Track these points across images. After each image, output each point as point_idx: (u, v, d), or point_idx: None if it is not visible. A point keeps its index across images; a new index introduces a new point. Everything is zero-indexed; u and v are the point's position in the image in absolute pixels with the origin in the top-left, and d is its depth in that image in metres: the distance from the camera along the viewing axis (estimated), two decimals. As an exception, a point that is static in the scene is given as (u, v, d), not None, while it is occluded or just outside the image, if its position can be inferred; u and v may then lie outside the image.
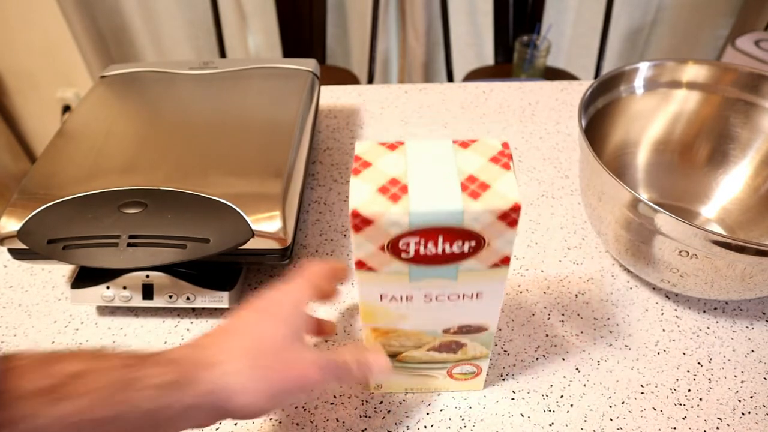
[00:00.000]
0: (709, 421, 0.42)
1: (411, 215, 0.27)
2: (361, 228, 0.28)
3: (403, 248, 0.29)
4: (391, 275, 0.31)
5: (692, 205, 0.58)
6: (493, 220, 0.28)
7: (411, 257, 0.29)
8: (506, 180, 0.28)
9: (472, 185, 0.28)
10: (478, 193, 0.28)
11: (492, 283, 0.32)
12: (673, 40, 1.64)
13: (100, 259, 0.43)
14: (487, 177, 0.29)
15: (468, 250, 0.29)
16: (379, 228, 0.28)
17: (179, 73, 0.63)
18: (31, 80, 1.68)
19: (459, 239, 0.28)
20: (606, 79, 0.54)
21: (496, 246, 0.29)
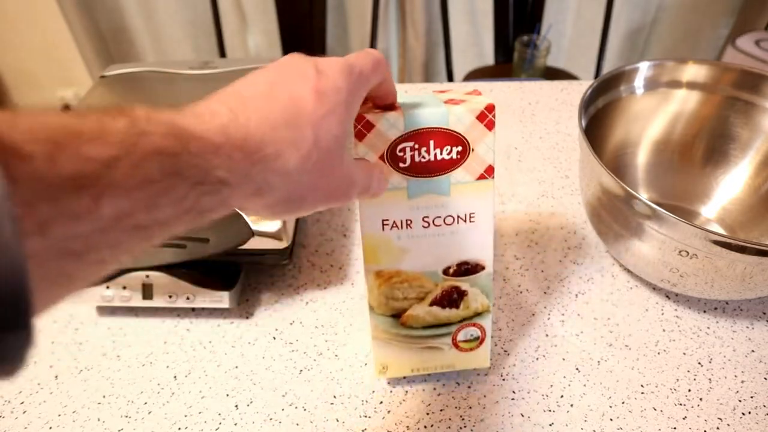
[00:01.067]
0: (710, 421, 0.42)
1: (405, 116, 0.32)
2: (364, 134, 0.32)
3: (400, 155, 0.33)
4: (391, 193, 0.34)
5: (692, 205, 0.58)
6: (473, 120, 0.33)
7: (407, 166, 0.33)
8: (481, 98, 0.34)
9: (452, 99, 0.34)
10: (458, 101, 0.33)
11: (481, 200, 0.35)
12: (673, 40, 1.64)
13: (100, 259, 0.43)
14: (464, 98, 0.34)
15: (456, 156, 0.33)
16: (379, 133, 0.32)
17: (179, 73, 0.63)
18: (31, 80, 1.68)
19: (447, 144, 0.33)
20: (606, 79, 0.54)
21: (479, 152, 0.33)
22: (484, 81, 0.84)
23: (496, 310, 0.50)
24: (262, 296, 0.52)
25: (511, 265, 0.54)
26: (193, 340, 0.48)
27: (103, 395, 0.44)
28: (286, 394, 0.44)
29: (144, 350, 0.47)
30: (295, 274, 0.54)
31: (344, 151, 0.28)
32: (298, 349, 0.47)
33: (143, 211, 0.20)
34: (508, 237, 0.57)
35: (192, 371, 0.46)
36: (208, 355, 0.47)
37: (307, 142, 0.26)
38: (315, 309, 0.50)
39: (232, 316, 0.50)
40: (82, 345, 0.48)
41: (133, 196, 0.19)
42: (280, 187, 0.26)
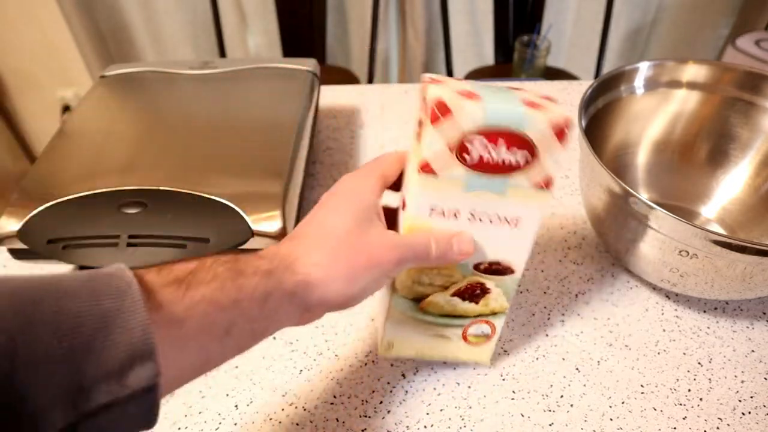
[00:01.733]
0: (710, 421, 0.42)
1: (487, 110, 0.31)
2: (439, 119, 0.31)
3: (467, 147, 0.32)
4: (449, 182, 0.33)
5: (692, 205, 0.58)
6: (548, 130, 0.32)
7: (474, 162, 0.32)
8: (560, 109, 0.33)
9: (530, 101, 0.33)
10: (536, 105, 0.33)
11: (533, 208, 0.35)
12: (673, 40, 1.64)
13: (100, 259, 0.43)
14: (541, 103, 0.34)
15: (522, 161, 0.33)
16: (454, 122, 0.31)
17: (179, 73, 0.63)
18: (31, 80, 1.68)
19: (516, 146, 0.32)
20: (606, 79, 0.54)
21: (545, 162, 0.33)
22: (484, 81, 0.84)
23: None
24: (262, 296, 0.52)
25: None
26: (193, 340, 0.48)
27: (103, 395, 0.44)
28: (286, 394, 0.44)
29: (144, 350, 0.47)
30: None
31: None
32: (298, 349, 0.47)
33: (219, 291, 0.29)
34: (508, 237, 0.57)
35: (192, 371, 0.46)
36: (208, 355, 0.47)
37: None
38: (315, 309, 0.50)
39: (232, 316, 0.50)
40: (82, 345, 0.48)
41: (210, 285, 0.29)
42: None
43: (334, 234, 0.33)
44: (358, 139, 0.71)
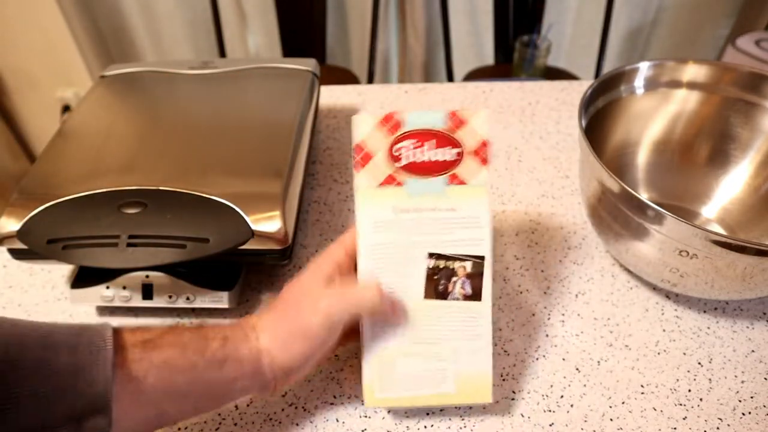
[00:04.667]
0: (710, 421, 0.42)
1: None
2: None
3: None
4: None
5: (692, 205, 0.58)
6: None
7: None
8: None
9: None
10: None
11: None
12: (673, 40, 1.63)
13: (100, 259, 0.43)
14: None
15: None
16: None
17: (179, 73, 0.63)
18: (31, 80, 1.67)
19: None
20: (606, 79, 0.54)
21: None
22: (484, 81, 0.84)
23: (496, 310, 0.50)
24: (262, 296, 0.52)
25: (511, 265, 0.54)
26: (193, 340, 0.48)
27: (103, 395, 0.44)
28: (286, 394, 0.44)
29: (144, 350, 0.47)
30: (295, 274, 0.53)
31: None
32: (298, 349, 0.47)
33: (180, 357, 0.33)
34: (508, 237, 0.57)
35: (192, 371, 0.46)
36: (208, 355, 0.47)
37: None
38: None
39: (232, 316, 0.50)
40: (82, 345, 0.48)
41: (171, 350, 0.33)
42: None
43: (281, 303, 0.37)
44: (358, 139, 0.71)
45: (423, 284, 0.37)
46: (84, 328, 0.31)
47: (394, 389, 0.37)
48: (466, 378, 0.38)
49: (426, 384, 0.38)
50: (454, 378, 0.38)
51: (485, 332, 0.38)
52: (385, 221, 0.37)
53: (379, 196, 0.36)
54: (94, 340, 0.30)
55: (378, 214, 0.37)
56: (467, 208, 0.37)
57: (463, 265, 0.37)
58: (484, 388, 0.38)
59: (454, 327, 0.38)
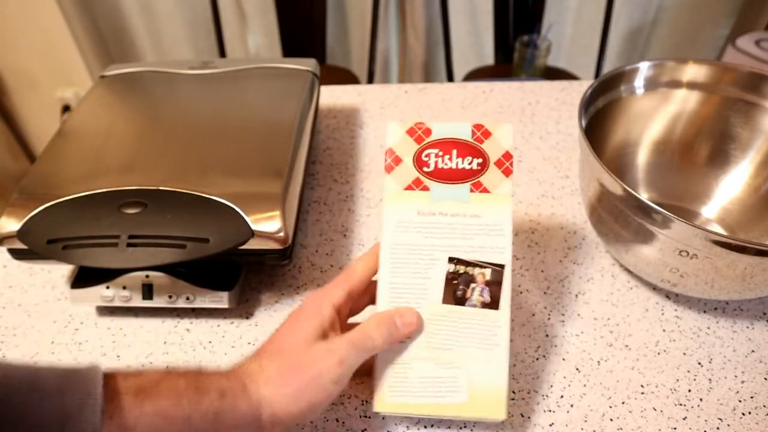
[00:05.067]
0: (710, 421, 0.42)
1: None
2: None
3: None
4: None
5: (692, 205, 0.58)
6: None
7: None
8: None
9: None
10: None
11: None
12: (673, 40, 1.63)
13: (100, 259, 0.43)
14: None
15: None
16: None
17: (179, 73, 0.63)
18: (31, 80, 1.67)
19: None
20: (606, 79, 0.54)
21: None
22: (484, 81, 0.84)
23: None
24: (262, 296, 0.52)
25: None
26: (193, 340, 0.48)
27: (103, 395, 0.44)
28: (286, 394, 0.44)
29: (144, 350, 0.47)
30: (295, 275, 0.54)
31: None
32: (298, 349, 0.47)
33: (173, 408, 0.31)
34: (508, 237, 0.57)
35: (192, 371, 0.46)
36: (208, 355, 0.47)
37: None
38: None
39: (232, 316, 0.50)
40: (82, 345, 0.48)
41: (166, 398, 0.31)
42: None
43: (285, 351, 0.35)
44: (358, 139, 0.71)
45: (442, 288, 0.37)
46: (73, 372, 0.30)
47: (407, 394, 0.37)
48: (480, 389, 0.36)
49: (439, 391, 0.37)
50: (468, 387, 0.36)
51: (502, 342, 0.37)
52: (408, 222, 0.37)
53: (405, 198, 0.38)
54: (84, 386, 0.29)
55: (402, 215, 0.38)
56: (490, 216, 0.37)
57: (482, 272, 0.37)
58: (498, 402, 0.36)
59: (469, 334, 0.37)
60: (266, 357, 0.35)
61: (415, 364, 0.37)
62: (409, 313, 0.37)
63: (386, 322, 0.36)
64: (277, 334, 0.37)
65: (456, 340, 0.37)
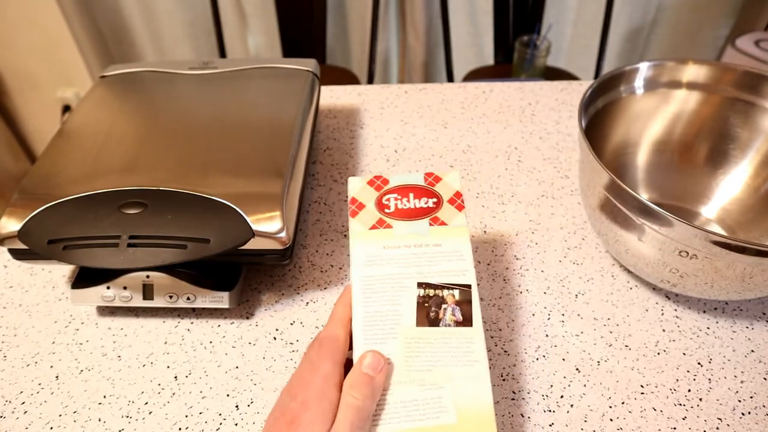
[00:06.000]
0: (709, 421, 0.42)
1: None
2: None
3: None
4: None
5: (692, 205, 0.58)
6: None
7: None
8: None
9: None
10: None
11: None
12: (673, 40, 1.64)
13: (101, 259, 0.43)
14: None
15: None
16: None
17: (179, 73, 0.63)
18: (31, 80, 1.68)
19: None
20: (606, 79, 0.54)
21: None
22: (484, 81, 0.84)
23: (496, 311, 0.50)
24: (262, 296, 0.52)
25: (511, 265, 0.54)
26: (193, 341, 0.48)
27: (103, 395, 0.44)
28: (286, 394, 0.44)
29: (144, 350, 0.47)
30: (295, 275, 0.54)
31: None
32: (299, 350, 0.47)
33: None
34: (508, 237, 0.57)
35: (192, 371, 0.46)
36: (209, 355, 0.47)
37: None
38: (315, 309, 0.50)
39: (232, 316, 0.50)
40: (83, 345, 0.48)
41: None
42: None
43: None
44: (358, 139, 0.71)
45: (414, 312, 0.38)
46: None
47: (391, 421, 0.36)
48: (467, 408, 0.36)
49: (425, 414, 0.36)
50: (454, 407, 0.36)
51: (481, 358, 0.37)
52: (375, 256, 0.40)
53: (370, 236, 0.41)
54: None
55: (369, 251, 0.40)
56: (450, 244, 0.40)
57: (451, 293, 0.38)
58: (486, 419, 0.36)
59: (448, 352, 0.37)
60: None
61: (396, 388, 0.36)
62: (373, 358, 0.36)
63: (360, 381, 0.35)
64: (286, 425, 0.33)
65: (435, 360, 0.37)
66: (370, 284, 0.39)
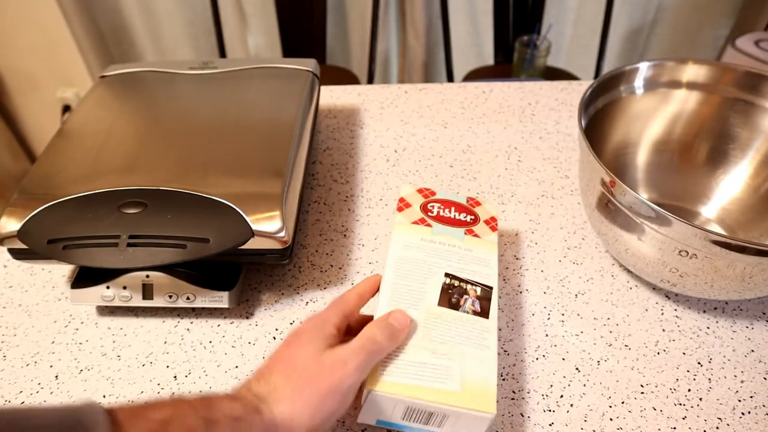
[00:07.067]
0: (709, 421, 0.42)
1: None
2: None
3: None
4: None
5: (692, 205, 0.58)
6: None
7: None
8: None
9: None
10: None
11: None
12: (673, 40, 1.64)
13: (100, 259, 0.43)
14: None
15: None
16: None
17: (179, 73, 0.63)
18: (31, 80, 1.68)
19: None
20: (606, 79, 0.54)
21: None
22: (484, 81, 0.84)
23: (496, 310, 0.50)
24: (262, 296, 0.52)
25: (511, 265, 0.54)
26: (193, 340, 0.48)
27: (103, 395, 0.44)
28: (286, 394, 0.44)
29: (144, 350, 0.47)
30: (295, 274, 0.54)
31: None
32: (298, 349, 0.47)
33: None
34: (508, 237, 0.57)
35: (192, 371, 0.46)
36: (208, 355, 0.47)
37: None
38: (315, 309, 0.50)
39: (232, 316, 0.50)
40: (83, 345, 0.48)
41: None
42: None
43: (299, 367, 0.35)
44: (358, 139, 0.71)
45: (438, 294, 0.41)
46: (66, 412, 0.27)
47: (401, 376, 0.38)
48: (472, 383, 0.37)
49: (432, 377, 0.38)
50: (460, 379, 0.37)
51: (492, 347, 0.39)
52: (413, 243, 0.44)
53: (412, 228, 0.45)
54: (81, 421, 0.26)
55: (409, 239, 0.45)
56: (480, 251, 0.44)
57: (474, 288, 0.42)
58: (488, 396, 0.37)
59: (463, 333, 0.39)
60: (278, 374, 0.35)
61: (411, 350, 0.38)
62: (402, 314, 0.38)
63: (385, 325, 0.37)
64: (282, 352, 0.37)
65: (450, 336, 0.39)
66: (403, 264, 0.43)
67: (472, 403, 0.37)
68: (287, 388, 0.34)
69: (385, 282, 0.42)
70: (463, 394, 0.37)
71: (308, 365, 0.35)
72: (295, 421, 0.33)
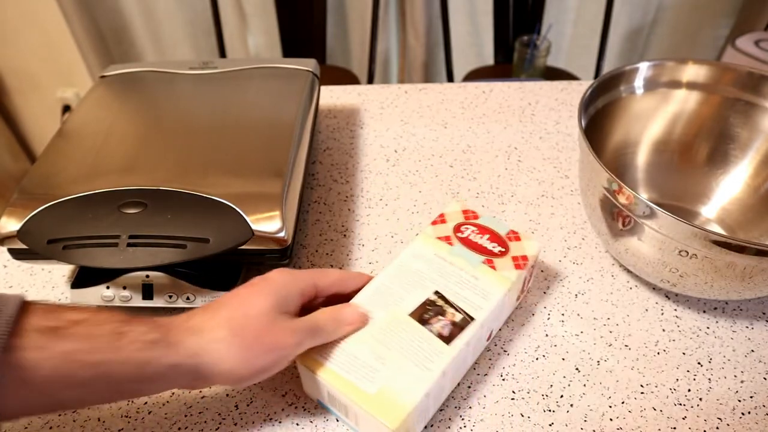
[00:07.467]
0: (709, 421, 0.42)
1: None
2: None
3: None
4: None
5: (692, 205, 0.58)
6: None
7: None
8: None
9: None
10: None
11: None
12: (673, 40, 1.64)
13: (100, 259, 0.43)
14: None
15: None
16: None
17: (179, 73, 0.63)
18: (31, 80, 1.68)
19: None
20: (606, 79, 0.54)
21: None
22: (484, 81, 0.84)
23: (496, 310, 0.50)
24: (262, 296, 0.52)
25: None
26: (193, 340, 0.48)
27: (103, 395, 0.44)
28: (286, 394, 0.44)
29: (144, 350, 0.47)
30: (295, 274, 0.54)
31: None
32: (298, 349, 0.47)
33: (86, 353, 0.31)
34: (508, 237, 0.57)
35: (192, 371, 0.46)
36: (208, 355, 0.47)
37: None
38: (315, 309, 0.50)
39: (232, 316, 0.50)
40: (83, 345, 0.48)
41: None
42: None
43: (252, 319, 0.36)
44: (358, 139, 0.71)
45: (416, 305, 0.41)
46: None
47: (330, 361, 0.39)
48: (391, 393, 0.37)
49: (357, 373, 0.38)
50: (381, 385, 0.37)
51: (435, 371, 0.38)
52: (424, 256, 0.45)
53: (432, 243, 0.46)
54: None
55: (423, 250, 0.46)
56: (485, 283, 0.43)
57: (454, 313, 0.41)
58: (399, 411, 0.36)
59: (413, 348, 0.39)
60: (222, 318, 0.35)
61: (355, 343, 0.39)
62: (354, 311, 0.40)
63: (335, 315, 0.39)
64: (242, 294, 0.37)
65: (399, 345, 0.39)
66: (401, 270, 0.44)
67: (378, 410, 0.36)
68: (227, 331, 0.35)
69: (375, 280, 0.43)
70: (374, 399, 0.37)
71: (260, 317, 0.36)
72: (222, 362, 0.34)
